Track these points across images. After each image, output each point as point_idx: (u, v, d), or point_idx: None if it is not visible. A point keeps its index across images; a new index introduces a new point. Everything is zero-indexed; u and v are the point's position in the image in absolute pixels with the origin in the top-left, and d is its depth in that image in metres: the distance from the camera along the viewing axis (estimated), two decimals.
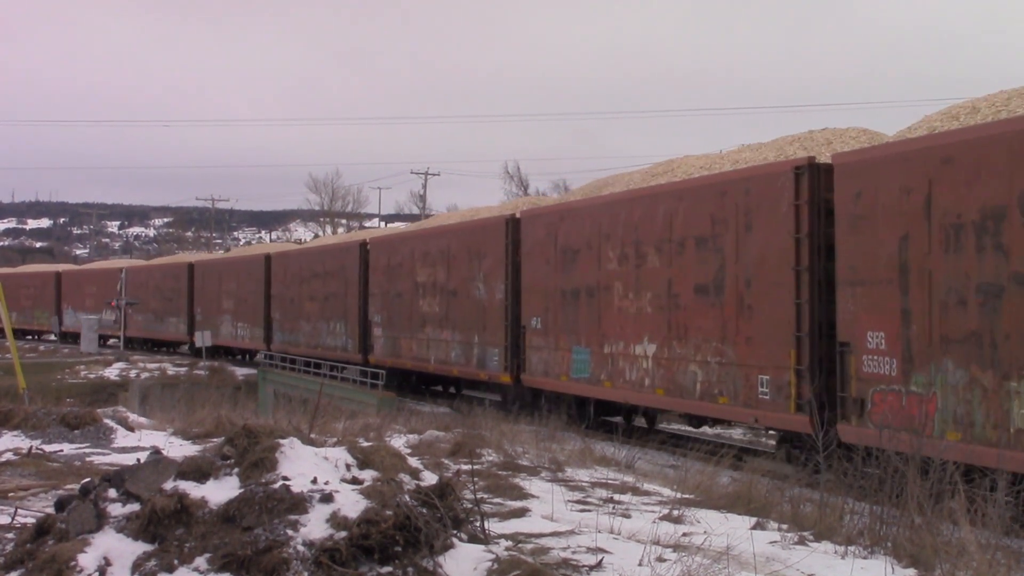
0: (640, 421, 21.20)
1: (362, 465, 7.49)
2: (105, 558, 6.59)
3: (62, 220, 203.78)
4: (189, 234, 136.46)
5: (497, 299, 24.44)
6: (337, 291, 34.48)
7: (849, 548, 8.07)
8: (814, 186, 15.09)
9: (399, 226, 71.28)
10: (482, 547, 6.81)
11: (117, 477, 7.37)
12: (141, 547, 6.67)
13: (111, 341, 57.39)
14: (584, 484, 11.41)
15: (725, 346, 16.70)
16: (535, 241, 23.30)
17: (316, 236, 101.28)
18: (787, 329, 15.30)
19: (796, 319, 15.13)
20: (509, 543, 7.36)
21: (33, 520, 7.70)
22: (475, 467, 10.54)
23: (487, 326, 24.92)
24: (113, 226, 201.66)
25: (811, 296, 14.96)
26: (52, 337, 64.99)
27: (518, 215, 24.80)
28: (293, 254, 41.55)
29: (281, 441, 7.38)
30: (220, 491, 6.93)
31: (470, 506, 7.32)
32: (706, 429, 20.17)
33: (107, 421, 15.18)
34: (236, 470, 7.19)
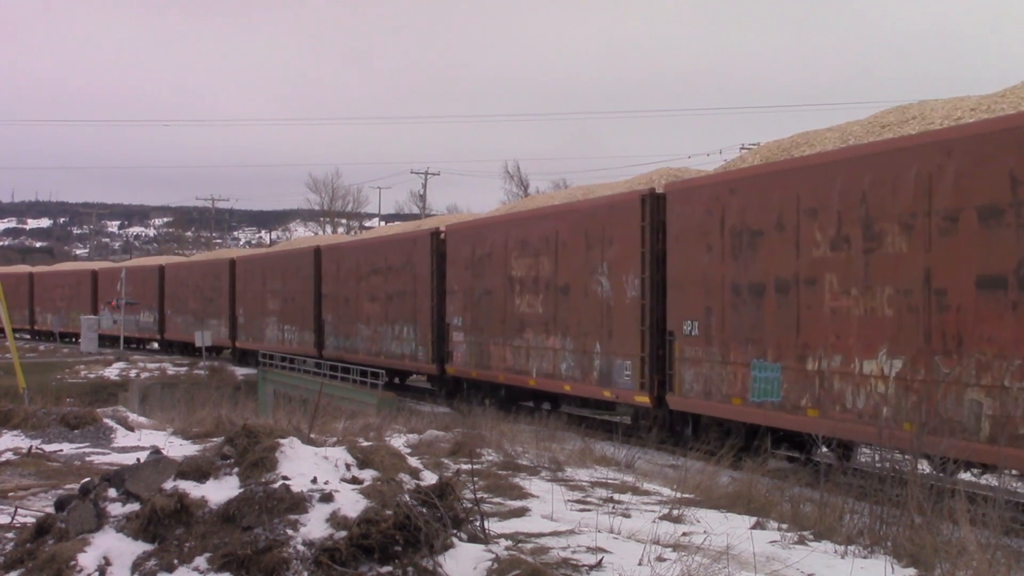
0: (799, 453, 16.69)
1: (362, 465, 7.49)
2: (105, 558, 6.60)
3: (62, 220, 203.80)
4: (189, 234, 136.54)
5: (629, 297, 19.35)
6: (404, 289, 29.83)
7: (849, 548, 8.07)
8: None
9: (398, 225, 70.86)
10: (482, 547, 6.82)
11: (117, 477, 7.37)
12: (141, 547, 6.68)
13: (153, 344, 53.56)
14: (584, 484, 11.41)
15: None
16: (689, 222, 17.88)
17: (316, 236, 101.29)
18: None
19: None
20: (509, 543, 7.37)
21: (33, 520, 7.70)
22: (475, 467, 10.55)
23: (614, 332, 19.86)
24: (113, 226, 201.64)
25: None
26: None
27: (660, 189, 19.73)
28: (348, 247, 36.26)
29: (281, 441, 7.38)
30: (220, 491, 6.93)
31: (470, 506, 7.32)
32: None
33: (107, 421, 15.18)
34: (236, 470, 7.19)
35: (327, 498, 6.73)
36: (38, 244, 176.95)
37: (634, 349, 19.26)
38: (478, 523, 7.25)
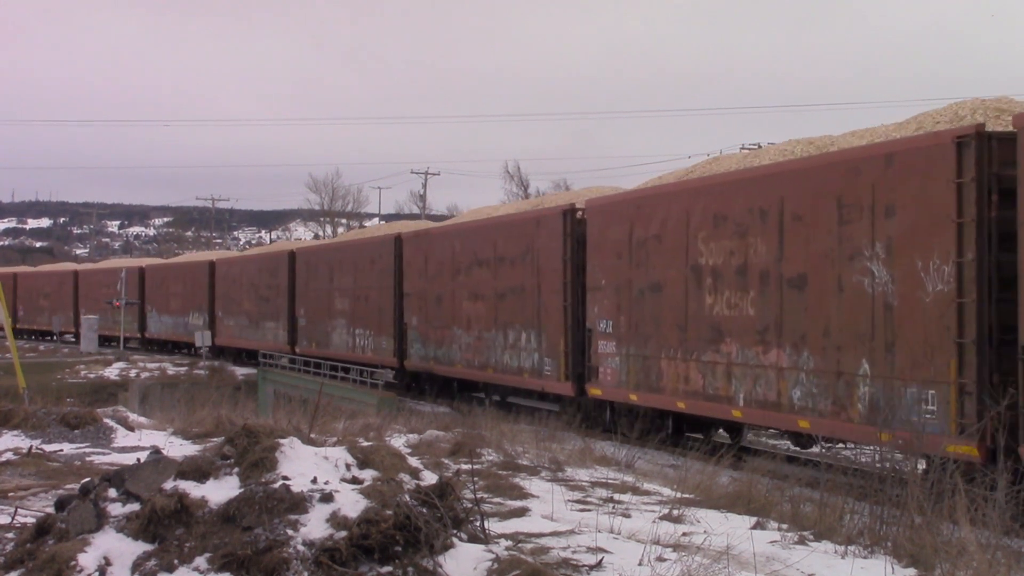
0: None
1: (362, 465, 7.49)
2: (105, 558, 6.60)
3: (62, 220, 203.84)
4: (189, 234, 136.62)
5: (932, 292, 13.02)
6: (522, 284, 23.37)
7: (849, 548, 8.08)
8: None
9: (399, 225, 70.39)
10: (482, 547, 6.82)
11: (117, 477, 7.38)
12: (141, 547, 6.68)
13: (202, 350, 45.66)
14: (584, 484, 11.42)
15: None
16: None
17: (316, 236, 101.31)
18: None
19: None
20: (509, 543, 7.37)
21: (33, 520, 7.70)
22: (475, 467, 10.55)
23: (898, 344, 13.54)
24: (113, 226, 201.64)
25: None
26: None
27: (991, 126, 14.16)
28: (440, 233, 29.76)
29: (281, 441, 7.38)
30: (220, 491, 6.93)
31: (470, 506, 7.33)
32: None
33: (107, 421, 15.19)
34: (236, 470, 7.19)
35: (327, 498, 6.74)
36: (38, 244, 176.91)
37: (941, 371, 12.94)
38: (478, 523, 7.26)
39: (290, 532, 6.46)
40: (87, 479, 7.89)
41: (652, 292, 18.86)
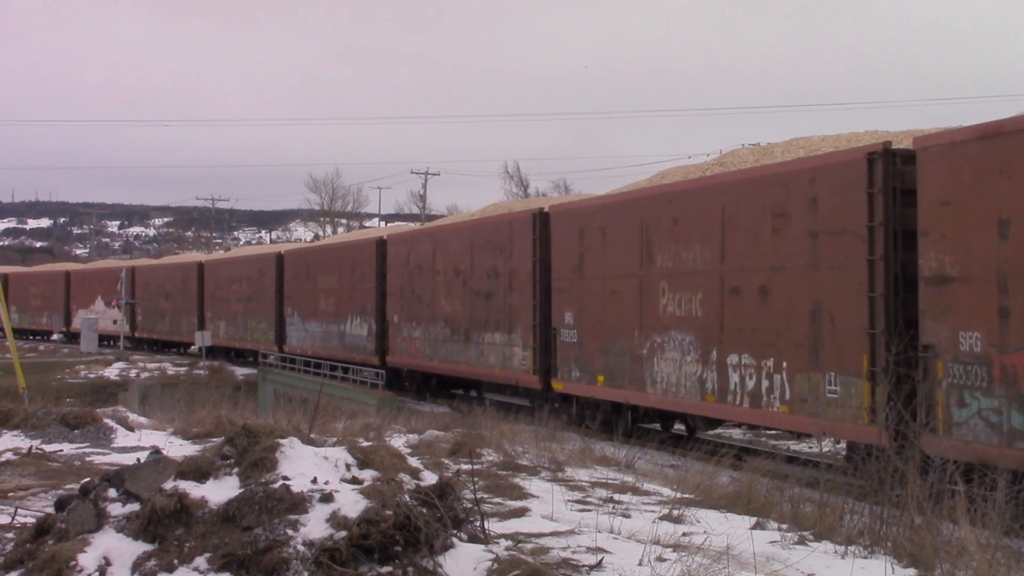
0: None
1: (362, 465, 7.49)
2: (105, 558, 6.60)
3: (62, 220, 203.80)
4: (189, 234, 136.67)
5: None
6: None
7: (849, 548, 8.08)
8: None
9: (402, 225, 70.30)
10: (482, 547, 6.82)
11: (117, 477, 7.37)
12: (141, 547, 6.68)
13: (362, 371, 30.00)
14: (584, 484, 11.41)
15: None
16: None
17: (316, 236, 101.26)
18: None
19: None
20: (509, 543, 7.37)
21: (33, 520, 7.70)
22: (475, 467, 10.54)
23: None
24: (113, 226, 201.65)
25: None
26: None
27: None
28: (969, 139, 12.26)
29: (281, 441, 7.38)
30: (220, 491, 6.93)
31: (470, 506, 7.32)
32: None
33: (107, 421, 15.18)
34: (236, 470, 7.19)
35: (327, 498, 6.73)
36: (38, 244, 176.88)
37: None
38: (478, 523, 7.25)
39: (290, 532, 6.46)
40: (87, 479, 7.88)
41: None
